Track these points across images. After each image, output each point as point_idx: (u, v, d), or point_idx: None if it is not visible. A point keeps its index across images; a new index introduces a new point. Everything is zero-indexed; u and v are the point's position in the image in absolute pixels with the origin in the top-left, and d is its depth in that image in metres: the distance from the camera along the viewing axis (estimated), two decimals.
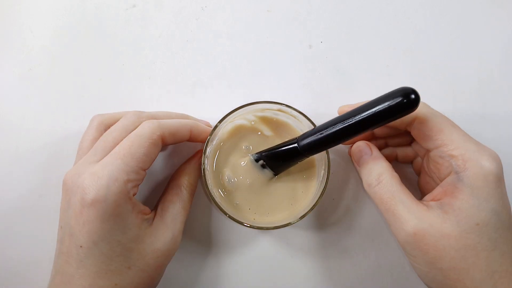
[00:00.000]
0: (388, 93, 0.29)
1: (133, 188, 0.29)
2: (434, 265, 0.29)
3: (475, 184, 0.29)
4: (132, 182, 0.29)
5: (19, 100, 0.40)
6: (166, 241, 0.31)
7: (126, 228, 0.28)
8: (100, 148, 0.30)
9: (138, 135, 0.30)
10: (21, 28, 0.41)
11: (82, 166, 0.29)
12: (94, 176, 0.28)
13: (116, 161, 0.28)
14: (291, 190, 0.38)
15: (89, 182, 0.27)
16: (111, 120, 0.34)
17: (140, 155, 0.29)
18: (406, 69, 0.43)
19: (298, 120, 0.38)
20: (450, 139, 0.31)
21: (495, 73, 0.43)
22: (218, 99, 0.42)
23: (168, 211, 0.32)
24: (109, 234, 0.28)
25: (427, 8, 0.43)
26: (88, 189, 0.27)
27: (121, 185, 0.28)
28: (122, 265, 0.29)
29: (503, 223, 0.29)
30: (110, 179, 0.28)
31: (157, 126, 0.31)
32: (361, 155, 0.34)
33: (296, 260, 0.40)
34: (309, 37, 0.43)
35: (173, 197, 0.33)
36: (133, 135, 0.30)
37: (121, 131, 0.31)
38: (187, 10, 0.43)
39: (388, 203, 0.31)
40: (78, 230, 0.28)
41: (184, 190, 0.34)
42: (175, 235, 0.31)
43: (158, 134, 0.31)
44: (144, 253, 0.29)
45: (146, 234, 0.30)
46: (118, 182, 0.28)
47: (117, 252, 0.28)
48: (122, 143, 0.30)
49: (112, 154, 0.29)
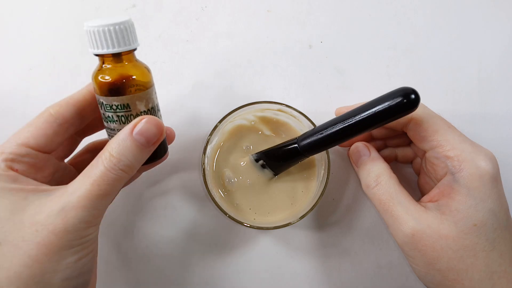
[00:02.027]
0: (388, 93, 0.29)
1: (8, 161, 0.27)
2: (433, 266, 0.29)
3: (471, 184, 0.29)
4: (6, 155, 0.27)
5: (19, 100, 0.40)
6: (50, 214, 0.25)
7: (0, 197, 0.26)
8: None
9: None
10: (21, 28, 0.41)
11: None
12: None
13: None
14: (291, 190, 0.38)
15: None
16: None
17: (23, 132, 0.29)
18: (406, 69, 0.43)
19: (298, 120, 0.38)
20: (446, 140, 0.31)
21: (495, 73, 0.43)
22: (218, 99, 0.42)
23: (73, 183, 0.26)
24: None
25: (427, 8, 0.43)
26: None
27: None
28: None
29: (501, 223, 0.29)
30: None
31: (53, 104, 0.30)
32: (359, 156, 0.34)
33: (296, 260, 0.40)
34: (309, 37, 0.43)
35: (87, 168, 0.27)
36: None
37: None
38: (187, 10, 0.43)
39: (387, 204, 0.31)
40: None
41: (100, 163, 0.26)
42: (65, 209, 0.25)
43: (50, 111, 0.29)
44: (21, 225, 0.25)
45: (31, 204, 0.26)
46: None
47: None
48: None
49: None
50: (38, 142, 0.29)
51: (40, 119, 0.29)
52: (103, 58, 0.28)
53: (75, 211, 0.25)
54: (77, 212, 0.25)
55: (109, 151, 0.27)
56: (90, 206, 0.26)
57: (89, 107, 0.31)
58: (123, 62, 0.29)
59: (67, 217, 0.25)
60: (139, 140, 0.27)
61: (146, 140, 0.27)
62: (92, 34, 0.27)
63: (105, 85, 0.28)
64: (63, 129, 0.30)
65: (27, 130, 0.29)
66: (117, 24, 0.26)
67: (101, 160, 0.26)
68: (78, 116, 0.30)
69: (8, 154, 0.27)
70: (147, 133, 0.27)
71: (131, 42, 0.28)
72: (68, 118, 0.30)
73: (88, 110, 0.31)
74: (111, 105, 0.28)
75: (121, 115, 0.28)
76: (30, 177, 0.28)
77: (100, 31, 0.26)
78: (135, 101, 0.28)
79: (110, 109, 0.28)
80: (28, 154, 0.28)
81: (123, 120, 0.28)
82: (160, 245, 0.39)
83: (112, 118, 0.29)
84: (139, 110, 0.29)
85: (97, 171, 0.26)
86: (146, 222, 0.39)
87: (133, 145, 0.27)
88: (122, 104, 0.28)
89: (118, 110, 0.28)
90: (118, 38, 0.27)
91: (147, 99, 0.29)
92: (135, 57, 0.30)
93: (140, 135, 0.27)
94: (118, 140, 0.27)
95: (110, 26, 0.26)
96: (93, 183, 0.26)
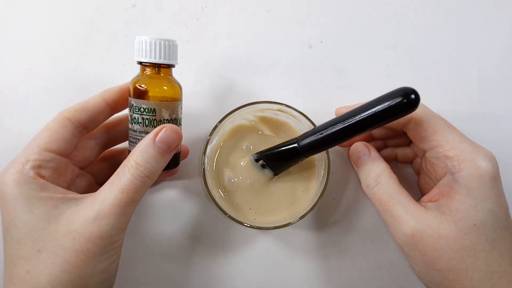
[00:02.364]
0: (388, 93, 0.29)
1: (36, 168, 0.28)
2: (433, 266, 0.29)
3: (471, 184, 0.29)
4: (33, 162, 0.28)
5: (19, 100, 0.40)
6: (85, 222, 0.27)
7: (32, 206, 0.27)
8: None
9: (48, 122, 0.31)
10: (21, 28, 0.41)
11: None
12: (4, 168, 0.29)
13: (23, 149, 0.29)
14: (291, 190, 0.38)
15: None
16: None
17: (42, 137, 0.30)
18: (406, 69, 0.43)
19: (298, 120, 0.38)
20: (445, 140, 0.31)
21: (495, 73, 0.43)
22: (218, 99, 0.42)
23: (101, 192, 0.28)
24: (15, 215, 0.27)
25: (427, 8, 0.43)
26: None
27: (18, 166, 0.28)
28: (32, 248, 0.26)
29: (501, 223, 0.29)
30: (9, 164, 0.28)
31: (65, 109, 0.31)
32: (359, 156, 0.34)
33: (296, 260, 0.40)
34: (309, 37, 0.43)
35: (113, 177, 0.29)
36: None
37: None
38: (187, 10, 0.43)
39: (387, 204, 0.31)
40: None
41: (127, 171, 0.28)
42: (99, 217, 0.27)
43: (65, 115, 0.31)
44: (57, 234, 0.27)
45: (63, 213, 0.27)
46: (15, 164, 0.28)
47: (24, 233, 0.27)
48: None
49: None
50: (60, 146, 0.30)
51: (57, 123, 0.30)
52: (145, 67, 0.32)
53: (107, 219, 0.27)
54: (110, 219, 0.27)
55: (134, 159, 0.28)
56: (121, 213, 0.27)
57: (102, 113, 0.33)
58: (160, 74, 0.33)
59: (101, 224, 0.27)
60: (160, 146, 0.29)
61: (167, 146, 0.29)
62: (141, 44, 0.31)
63: (138, 89, 0.32)
64: (78, 132, 0.31)
65: (46, 134, 0.30)
66: (165, 41, 0.31)
67: (127, 169, 0.28)
68: (92, 120, 0.32)
69: (35, 161, 0.29)
70: (167, 139, 0.29)
71: (171, 59, 0.32)
72: (83, 122, 0.31)
73: (101, 116, 0.33)
74: (140, 108, 0.31)
75: (145, 118, 0.31)
76: (54, 182, 0.29)
77: (148, 43, 0.31)
78: (161, 108, 0.31)
79: (137, 111, 0.31)
80: (52, 159, 0.30)
81: (147, 123, 0.31)
82: (160, 245, 0.39)
83: (137, 120, 0.31)
84: (163, 117, 0.31)
85: (124, 179, 0.28)
86: (146, 222, 0.39)
87: (156, 151, 0.29)
88: (149, 108, 0.31)
89: (144, 113, 0.31)
90: (161, 52, 0.31)
91: (173, 109, 0.32)
92: (171, 73, 0.34)
93: (161, 142, 0.29)
94: (141, 148, 0.29)
95: (158, 41, 0.31)
96: (122, 191, 0.27)
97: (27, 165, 0.28)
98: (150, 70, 0.32)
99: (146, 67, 0.32)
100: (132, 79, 0.32)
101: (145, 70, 0.32)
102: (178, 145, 0.30)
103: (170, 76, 0.33)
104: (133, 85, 0.32)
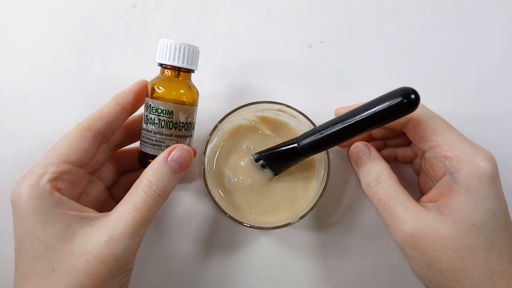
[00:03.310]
0: (388, 93, 0.29)
1: (53, 181, 0.28)
2: (432, 266, 0.29)
3: (470, 184, 0.29)
4: (51, 175, 0.28)
5: (19, 100, 0.40)
6: (98, 244, 0.26)
7: (47, 224, 0.27)
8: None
9: (66, 133, 0.31)
10: (21, 28, 0.41)
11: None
12: (21, 177, 0.28)
13: (40, 159, 0.29)
14: (291, 190, 0.38)
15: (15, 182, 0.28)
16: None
17: (60, 148, 0.29)
18: (406, 69, 0.43)
19: (298, 120, 0.38)
20: (445, 140, 0.31)
21: (495, 73, 0.43)
22: (218, 99, 0.42)
23: (115, 212, 0.28)
24: (29, 231, 0.27)
25: (427, 8, 0.43)
26: (12, 189, 0.28)
27: (35, 178, 0.27)
28: (46, 267, 0.26)
29: (500, 223, 0.29)
30: (26, 174, 0.28)
31: (83, 119, 0.31)
32: (359, 155, 0.34)
33: (296, 260, 0.40)
34: (309, 37, 0.43)
35: (127, 196, 0.29)
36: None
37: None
38: (187, 10, 0.43)
39: (387, 204, 0.31)
40: (13, 232, 0.28)
41: (140, 190, 0.28)
42: (112, 238, 0.27)
43: (84, 125, 0.30)
44: (71, 254, 0.26)
45: (77, 234, 0.27)
46: (32, 176, 0.27)
47: (39, 251, 0.26)
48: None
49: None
50: (79, 157, 0.30)
51: (76, 134, 0.30)
52: (165, 69, 0.33)
53: (121, 240, 0.27)
54: (124, 241, 0.27)
55: (147, 178, 0.29)
56: (134, 233, 0.27)
57: (119, 118, 0.33)
58: (179, 78, 0.33)
59: (115, 247, 0.27)
60: (173, 166, 0.29)
61: (179, 166, 0.30)
62: (164, 46, 0.31)
63: (156, 90, 0.32)
64: (98, 141, 0.31)
65: (65, 146, 0.29)
66: (188, 45, 0.32)
67: (141, 188, 0.28)
68: (110, 127, 0.32)
69: (53, 173, 0.28)
70: (179, 159, 0.29)
71: (192, 64, 0.32)
72: (102, 131, 0.31)
73: (118, 121, 0.33)
74: (157, 108, 0.31)
75: (162, 119, 0.31)
76: (68, 193, 0.29)
77: (171, 46, 0.31)
78: (179, 111, 0.31)
79: (154, 112, 0.31)
80: (69, 171, 0.29)
81: (163, 124, 0.31)
82: (159, 245, 0.39)
83: (153, 120, 0.31)
84: (179, 120, 0.32)
85: (138, 198, 0.28)
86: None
87: (168, 171, 0.29)
88: (167, 110, 0.31)
89: (161, 115, 0.31)
90: (183, 56, 0.32)
91: (189, 113, 0.32)
92: (190, 78, 0.34)
93: (174, 161, 0.29)
94: (154, 167, 0.29)
95: (182, 45, 0.31)
96: (135, 210, 0.28)
97: (44, 177, 0.27)
98: (170, 72, 0.33)
99: (167, 69, 0.32)
100: (151, 80, 0.33)
101: (165, 72, 0.33)
102: (189, 165, 0.31)
103: (189, 81, 0.34)
104: (152, 86, 0.32)
